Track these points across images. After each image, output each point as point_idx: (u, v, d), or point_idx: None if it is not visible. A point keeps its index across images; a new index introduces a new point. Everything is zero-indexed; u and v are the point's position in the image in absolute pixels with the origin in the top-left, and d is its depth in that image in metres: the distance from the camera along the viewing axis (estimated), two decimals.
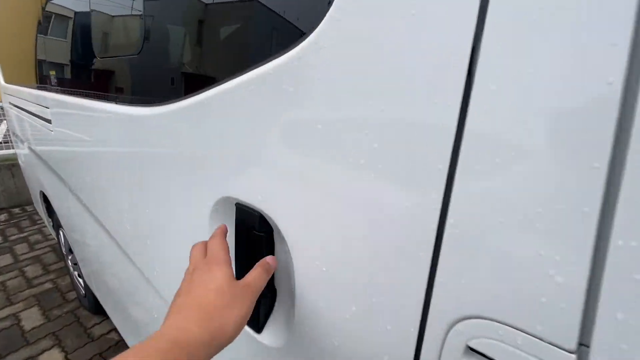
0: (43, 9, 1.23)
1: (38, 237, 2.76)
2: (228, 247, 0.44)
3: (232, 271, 0.40)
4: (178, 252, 0.66)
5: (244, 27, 0.44)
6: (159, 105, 0.60)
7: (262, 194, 0.43)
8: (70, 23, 1.04)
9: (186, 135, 0.55)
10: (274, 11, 0.40)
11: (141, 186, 0.73)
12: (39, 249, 2.57)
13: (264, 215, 0.45)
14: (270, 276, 0.43)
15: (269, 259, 0.44)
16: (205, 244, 0.45)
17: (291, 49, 0.36)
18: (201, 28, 0.53)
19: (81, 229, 1.35)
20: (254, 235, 0.47)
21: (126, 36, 0.75)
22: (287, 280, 0.47)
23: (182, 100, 0.54)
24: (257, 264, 0.43)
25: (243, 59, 0.44)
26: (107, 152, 0.87)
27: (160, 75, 0.64)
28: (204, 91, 0.48)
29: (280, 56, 0.37)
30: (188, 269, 0.43)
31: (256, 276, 0.40)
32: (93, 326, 1.82)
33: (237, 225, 0.50)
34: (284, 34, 0.38)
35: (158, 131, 0.63)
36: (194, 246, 0.46)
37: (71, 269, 1.98)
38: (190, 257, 0.44)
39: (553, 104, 0.22)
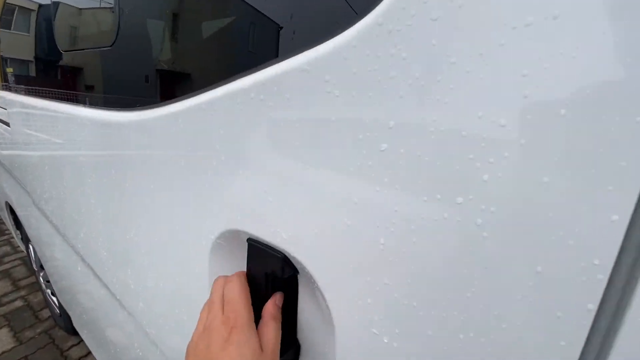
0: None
1: (7, 248, 2.53)
2: (249, 297, 0.35)
3: (257, 339, 0.32)
4: (169, 291, 0.54)
5: (262, 5, 0.33)
6: (143, 109, 0.48)
7: (289, 231, 0.32)
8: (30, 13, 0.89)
9: (182, 147, 0.43)
10: None
11: (120, 207, 0.61)
12: (8, 262, 2.35)
13: (288, 256, 0.34)
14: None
15: (277, 301, 0.36)
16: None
17: (338, 35, 0.25)
18: (201, 7, 0.41)
19: (50, 248, 1.19)
20: (275, 281, 0.36)
21: (97, 24, 0.62)
22: (318, 337, 0.36)
23: (175, 102, 0.42)
24: (266, 316, 0.34)
25: (263, 49, 0.32)
26: (75, 164, 0.74)
27: (143, 72, 0.52)
28: (206, 92, 0.37)
29: (320, 45, 0.26)
30: (206, 309, 0.36)
31: (273, 337, 0.33)
32: (70, 348, 1.66)
33: (250, 267, 0.38)
34: (326, 15, 0.27)
35: (142, 140, 0.50)
36: (216, 280, 0.38)
37: (43, 286, 1.80)
38: (211, 292, 0.37)
39: None
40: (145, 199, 0.52)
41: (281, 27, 0.30)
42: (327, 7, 0.27)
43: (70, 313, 1.35)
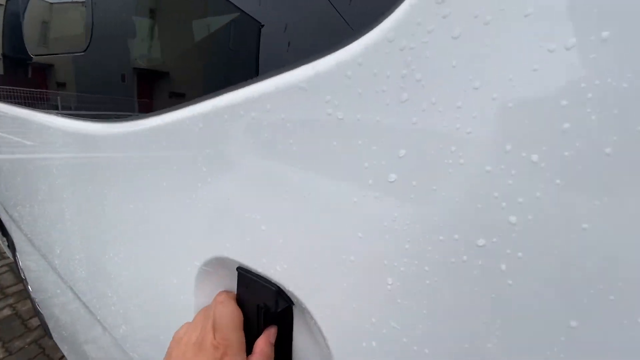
0: None
1: None
2: (242, 324, 0.34)
3: None
4: (152, 315, 0.51)
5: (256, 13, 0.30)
6: (124, 121, 0.44)
7: (284, 263, 0.29)
8: None
9: (164, 166, 0.40)
10: None
11: (98, 225, 0.57)
12: None
13: (283, 289, 0.31)
14: None
15: (271, 338, 0.33)
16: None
17: (340, 50, 0.22)
18: (190, 11, 0.38)
19: (29, 260, 1.14)
20: (267, 314, 0.33)
21: (70, 27, 0.58)
22: None
23: (156, 116, 0.39)
24: (257, 354, 0.32)
25: (255, 62, 0.29)
26: (50, 177, 0.69)
27: (122, 79, 0.48)
28: (189, 106, 0.34)
29: (319, 60, 0.23)
30: (202, 317, 0.34)
31: None
32: (61, 358, 1.62)
33: (240, 296, 0.35)
34: (327, 27, 0.24)
35: (121, 156, 0.47)
36: (219, 294, 0.36)
37: (32, 294, 1.75)
38: (212, 303, 0.35)
39: None
40: (126, 219, 0.49)
41: (262, 25, 0.29)
42: (325, 16, 0.25)
43: (50, 326, 1.30)
